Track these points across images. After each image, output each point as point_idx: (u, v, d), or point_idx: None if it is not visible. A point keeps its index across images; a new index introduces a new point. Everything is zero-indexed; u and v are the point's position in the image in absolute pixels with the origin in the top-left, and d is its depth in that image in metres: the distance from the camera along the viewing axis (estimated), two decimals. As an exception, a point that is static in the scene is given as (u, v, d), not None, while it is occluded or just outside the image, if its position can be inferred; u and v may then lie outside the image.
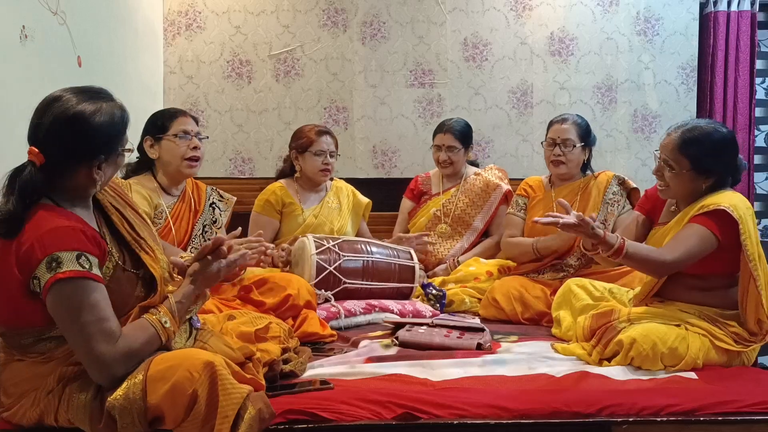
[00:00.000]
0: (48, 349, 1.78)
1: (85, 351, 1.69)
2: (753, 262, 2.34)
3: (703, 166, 2.44)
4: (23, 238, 1.68)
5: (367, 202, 3.70)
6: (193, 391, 1.66)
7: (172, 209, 2.85)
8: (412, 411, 1.92)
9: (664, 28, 4.34)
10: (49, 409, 1.77)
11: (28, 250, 1.67)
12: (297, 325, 2.66)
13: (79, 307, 1.67)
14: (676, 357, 2.28)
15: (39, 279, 1.67)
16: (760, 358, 4.38)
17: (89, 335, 1.67)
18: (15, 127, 2.26)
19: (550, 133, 3.35)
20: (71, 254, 1.67)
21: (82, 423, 1.74)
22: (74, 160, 1.76)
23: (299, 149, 3.49)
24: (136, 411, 1.67)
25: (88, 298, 1.68)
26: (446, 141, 3.68)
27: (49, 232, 1.68)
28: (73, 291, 1.67)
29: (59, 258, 1.66)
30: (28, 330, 1.76)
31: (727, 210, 2.36)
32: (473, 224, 3.71)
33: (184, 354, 1.76)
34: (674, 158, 2.46)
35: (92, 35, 2.91)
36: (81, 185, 1.80)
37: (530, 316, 3.08)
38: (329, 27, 4.24)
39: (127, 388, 1.68)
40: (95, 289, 1.70)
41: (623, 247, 2.36)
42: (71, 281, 1.67)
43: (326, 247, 3.08)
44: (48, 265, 1.66)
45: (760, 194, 4.68)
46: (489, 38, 4.30)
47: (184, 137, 2.83)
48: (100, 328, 1.68)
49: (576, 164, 3.33)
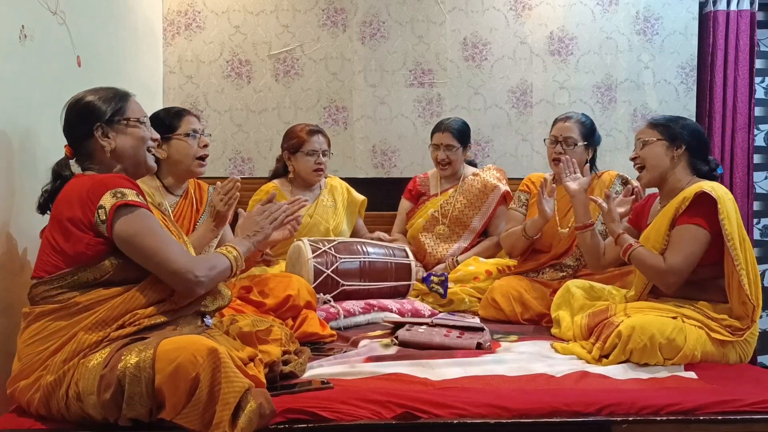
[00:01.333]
0: (71, 299, 1.87)
1: (165, 264, 1.88)
2: (732, 241, 2.40)
3: (671, 134, 2.63)
4: (76, 186, 1.92)
5: (362, 200, 3.70)
6: (196, 375, 1.67)
7: (175, 208, 2.85)
8: (411, 410, 1.92)
9: (663, 27, 4.34)
10: (63, 380, 1.78)
11: (87, 190, 1.89)
12: (297, 326, 2.66)
13: (149, 227, 1.90)
14: (674, 348, 2.31)
15: (104, 207, 1.86)
16: (760, 357, 4.42)
17: (166, 251, 1.89)
18: (14, 127, 2.26)
19: (553, 131, 3.34)
20: (131, 191, 1.92)
21: (89, 393, 1.74)
22: (82, 135, 2.02)
23: (291, 149, 3.48)
24: (145, 381, 1.69)
25: (155, 223, 1.93)
26: (444, 140, 3.68)
27: (108, 177, 1.95)
28: (140, 215, 1.90)
29: (123, 191, 1.90)
30: (64, 273, 1.88)
31: (706, 191, 2.45)
32: (471, 225, 3.71)
33: (191, 339, 1.77)
34: (646, 133, 2.70)
35: (92, 35, 2.91)
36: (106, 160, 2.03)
37: (530, 316, 3.08)
38: (329, 27, 4.24)
39: (138, 357, 1.71)
40: (156, 219, 1.96)
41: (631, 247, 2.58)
42: (137, 208, 1.90)
43: (322, 250, 3.07)
44: (114, 194, 1.88)
45: (760, 193, 4.68)
46: (488, 38, 4.29)
47: (193, 136, 2.82)
48: (174, 245, 1.93)
49: (578, 163, 3.32)
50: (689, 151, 2.63)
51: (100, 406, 1.74)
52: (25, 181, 2.31)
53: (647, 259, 2.54)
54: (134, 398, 1.70)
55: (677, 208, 2.51)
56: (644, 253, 2.55)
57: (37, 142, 2.41)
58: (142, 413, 1.73)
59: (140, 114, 2.10)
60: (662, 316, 2.39)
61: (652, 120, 2.76)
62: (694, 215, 2.47)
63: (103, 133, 2.02)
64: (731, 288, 2.44)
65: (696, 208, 2.47)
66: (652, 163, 2.65)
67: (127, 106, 2.07)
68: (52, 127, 2.50)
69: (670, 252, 2.49)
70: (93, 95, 2.06)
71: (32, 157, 2.38)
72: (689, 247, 2.46)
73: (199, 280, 1.92)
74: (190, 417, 1.69)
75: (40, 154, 2.42)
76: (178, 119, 2.82)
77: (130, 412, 1.72)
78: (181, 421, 1.71)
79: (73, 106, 2.05)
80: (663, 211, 2.58)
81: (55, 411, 1.82)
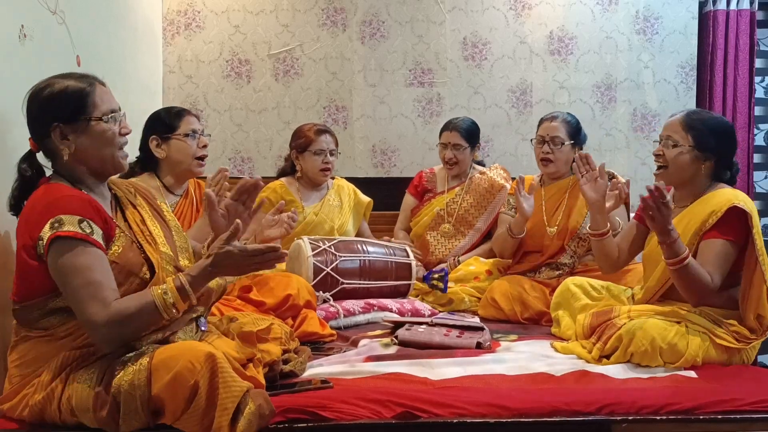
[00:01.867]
0: (52, 325, 1.81)
1: (79, 311, 1.74)
2: (762, 256, 2.34)
3: (704, 144, 2.47)
4: (34, 205, 1.80)
5: (368, 201, 3.69)
6: (194, 383, 1.67)
7: (175, 208, 2.84)
8: (411, 410, 1.92)
9: (663, 26, 4.34)
10: (53, 397, 1.77)
11: (37, 214, 1.77)
12: (297, 325, 2.66)
13: (75, 266, 1.73)
14: (676, 354, 2.28)
15: (42, 238, 1.74)
16: (760, 356, 4.41)
17: (82, 297, 1.72)
18: (13, 127, 2.26)
19: (540, 131, 3.34)
20: (74, 218, 1.75)
21: (85, 410, 1.74)
22: (41, 133, 1.86)
23: (299, 149, 3.48)
24: (140, 398, 1.68)
25: (85, 259, 1.74)
26: (452, 139, 3.66)
27: (57, 200, 1.78)
28: (70, 250, 1.73)
29: (62, 219, 1.74)
30: (36, 302, 1.80)
31: (738, 205, 2.37)
32: (476, 225, 3.69)
33: (187, 345, 1.77)
34: (678, 133, 2.49)
35: (91, 35, 2.90)
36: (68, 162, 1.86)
37: (529, 315, 3.07)
38: (328, 26, 4.24)
39: (132, 374, 1.70)
40: (93, 253, 1.76)
41: (686, 258, 2.30)
42: (70, 240, 1.73)
43: (322, 249, 3.07)
44: (51, 225, 1.74)
45: (760, 193, 4.68)
46: (488, 37, 4.30)
47: (193, 136, 2.82)
48: (94, 291, 1.72)
49: (564, 162, 3.31)
50: (717, 162, 2.51)
51: (96, 422, 1.74)
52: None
53: (700, 276, 2.34)
54: (130, 414, 1.70)
55: (705, 221, 2.41)
56: (697, 267, 2.34)
57: (37, 141, 2.41)
58: (140, 426, 1.73)
59: (106, 107, 1.87)
60: (666, 320, 2.36)
61: (688, 118, 2.52)
62: (726, 231, 2.38)
63: (61, 135, 1.83)
64: (748, 300, 2.37)
65: (728, 223, 2.37)
66: (676, 168, 2.51)
67: (90, 100, 1.85)
68: (51, 126, 2.50)
69: (711, 268, 2.36)
70: (55, 86, 1.84)
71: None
72: (725, 263, 2.38)
73: (104, 336, 1.74)
74: (189, 423, 1.69)
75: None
76: (178, 119, 2.82)
77: (128, 427, 1.72)
78: (181, 426, 1.71)
79: (34, 98, 1.86)
80: (686, 221, 2.47)
81: (50, 423, 1.81)
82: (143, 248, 1.91)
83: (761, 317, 2.36)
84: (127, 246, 1.87)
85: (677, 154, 2.49)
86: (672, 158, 2.50)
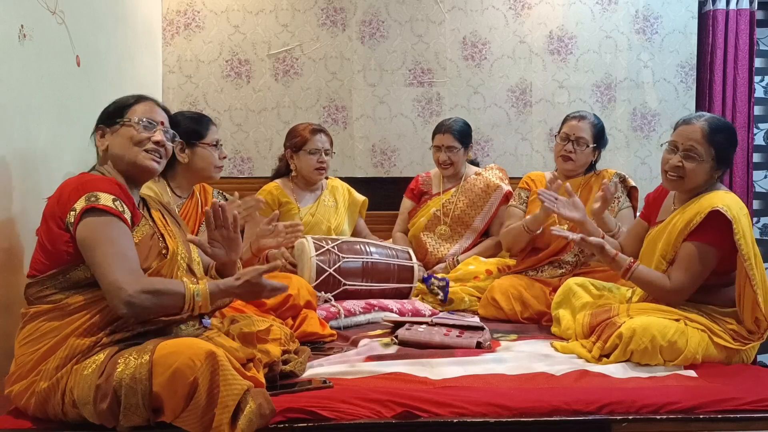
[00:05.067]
0: (65, 298, 1.85)
1: (107, 275, 1.79)
2: (748, 261, 2.34)
3: (724, 159, 2.48)
4: (67, 184, 1.91)
5: (363, 200, 3.70)
6: (194, 379, 1.67)
7: (181, 209, 2.85)
8: (411, 409, 1.92)
9: (663, 26, 4.34)
10: (57, 388, 1.78)
11: (71, 190, 1.87)
12: (297, 325, 2.66)
13: (109, 236, 1.82)
14: (675, 351, 2.29)
15: (75, 209, 1.84)
16: (760, 356, 4.42)
17: (113, 264, 1.79)
18: (13, 127, 2.26)
19: (565, 128, 3.31)
20: (108, 195, 1.87)
21: (86, 402, 1.74)
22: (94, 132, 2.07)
23: (294, 148, 3.49)
24: (141, 393, 1.69)
25: (118, 233, 1.84)
26: (445, 141, 3.67)
27: (92, 180, 1.91)
28: (104, 222, 1.83)
29: (98, 195, 1.86)
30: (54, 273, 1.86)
31: (720, 210, 2.37)
32: (473, 225, 3.70)
33: (188, 342, 1.77)
34: (703, 146, 2.44)
35: (91, 35, 2.91)
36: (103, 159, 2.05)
37: (530, 315, 3.07)
38: (328, 26, 4.23)
39: (134, 368, 1.70)
40: (125, 230, 1.87)
41: (631, 268, 2.49)
42: (105, 213, 1.84)
43: (326, 249, 3.08)
44: (87, 198, 1.85)
45: (759, 192, 4.69)
46: (488, 37, 4.29)
47: (217, 146, 2.86)
48: (126, 261, 1.82)
49: (583, 163, 3.31)
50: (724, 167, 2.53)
51: (96, 416, 1.74)
52: (25, 180, 2.31)
53: (653, 279, 2.47)
54: (131, 409, 1.70)
55: (689, 221, 2.42)
56: (645, 273, 2.48)
57: (36, 141, 2.41)
58: (140, 422, 1.73)
59: (143, 116, 2.04)
60: (665, 318, 2.36)
61: (711, 131, 2.44)
62: (705, 234, 2.39)
63: (101, 135, 2.06)
64: (744, 302, 2.37)
65: (708, 227, 2.38)
66: (691, 179, 2.48)
67: (130, 109, 2.05)
68: (51, 126, 2.51)
69: (676, 270, 2.42)
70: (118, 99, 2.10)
71: (31, 156, 2.38)
72: (696, 266, 2.40)
73: (130, 300, 1.77)
74: (189, 420, 1.69)
75: (39, 153, 2.42)
76: (206, 128, 2.84)
77: (128, 422, 1.73)
78: (181, 424, 1.71)
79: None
80: (675, 221, 2.49)
81: (52, 415, 1.82)
82: (164, 238, 2.01)
83: (759, 320, 2.37)
84: (148, 235, 1.97)
85: (697, 167, 2.46)
86: (691, 170, 2.46)
